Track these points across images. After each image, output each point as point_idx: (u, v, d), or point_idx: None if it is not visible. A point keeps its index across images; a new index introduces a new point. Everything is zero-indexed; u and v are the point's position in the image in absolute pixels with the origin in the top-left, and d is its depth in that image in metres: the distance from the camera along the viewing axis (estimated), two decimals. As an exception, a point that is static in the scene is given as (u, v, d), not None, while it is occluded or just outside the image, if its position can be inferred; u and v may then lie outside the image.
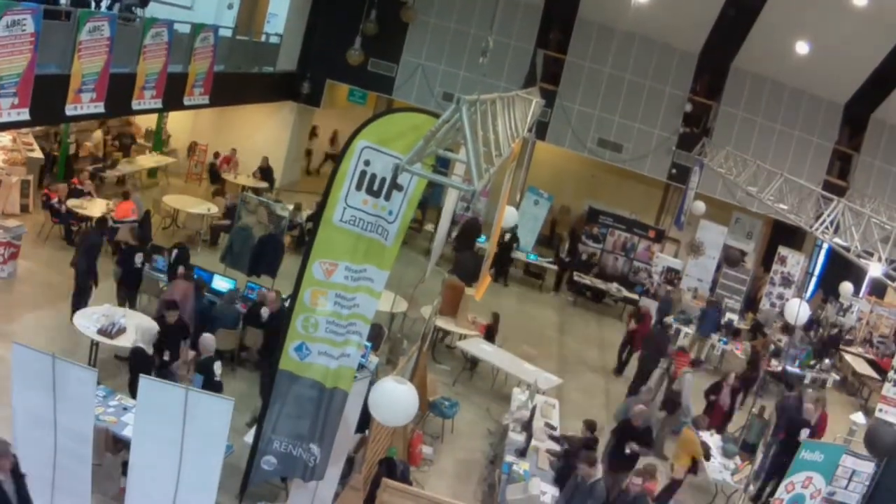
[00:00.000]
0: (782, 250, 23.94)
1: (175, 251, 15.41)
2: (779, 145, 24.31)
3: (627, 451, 12.54)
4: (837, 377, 20.65)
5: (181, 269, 14.26)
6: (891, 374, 17.07)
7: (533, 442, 12.41)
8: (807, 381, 19.62)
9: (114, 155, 22.38)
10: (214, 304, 14.10)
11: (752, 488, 12.64)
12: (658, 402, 15.57)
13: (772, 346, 19.81)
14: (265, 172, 24.10)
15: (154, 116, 23.40)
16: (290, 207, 19.78)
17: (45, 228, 17.15)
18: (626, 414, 13.40)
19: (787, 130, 24.37)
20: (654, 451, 13.53)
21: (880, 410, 16.20)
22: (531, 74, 24.38)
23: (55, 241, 17.15)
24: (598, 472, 11.91)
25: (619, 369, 18.46)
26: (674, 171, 24.94)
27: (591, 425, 13.02)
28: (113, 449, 10.04)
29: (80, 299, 13.59)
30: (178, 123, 25.16)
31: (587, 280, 23.33)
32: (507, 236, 21.80)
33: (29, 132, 19.33)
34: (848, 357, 22.02)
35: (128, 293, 14.46)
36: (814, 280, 27.17)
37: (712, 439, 14.26)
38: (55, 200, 17.35)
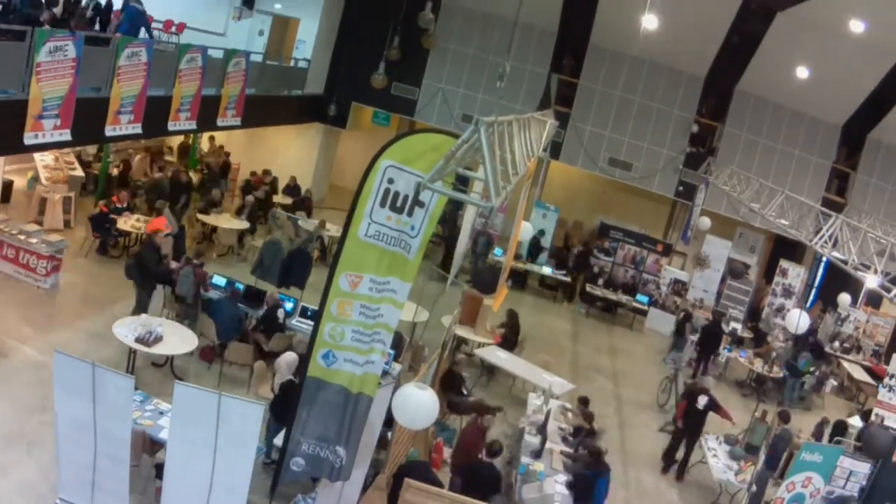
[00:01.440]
0: (783, 263, 23.84)
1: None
2: (780, 164, 24.20)
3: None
4: (835, 382, 20.52)
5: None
6: (886, 379, 16.99)
7: (547, 444, 12.32)
8: (806, 387, 19.48)
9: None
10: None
11: (753, 488, 12.54)
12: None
13: (773, 353, 19.74)
14: (293, 190, 24.15)
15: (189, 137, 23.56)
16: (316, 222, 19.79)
17: (87, 243, 17.20)
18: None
19: (788, 150, 24.27)
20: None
21: (876, 415, 16.13)
22: (546, 97, 24.40)
23: (95, 255, 17.20)
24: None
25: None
26: (681, 188, 24.88)
27: (584, 400, 13.67)
28: (150, 451, 10.02)
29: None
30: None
31: (599, 292, 23.24)
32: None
33: (71, 152, 19.47)
34: (845, 363, 21.86)
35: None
36: (813, 291, 27.05)
37: (719, 446, 14.16)
38: (111, 209, 17.46)
